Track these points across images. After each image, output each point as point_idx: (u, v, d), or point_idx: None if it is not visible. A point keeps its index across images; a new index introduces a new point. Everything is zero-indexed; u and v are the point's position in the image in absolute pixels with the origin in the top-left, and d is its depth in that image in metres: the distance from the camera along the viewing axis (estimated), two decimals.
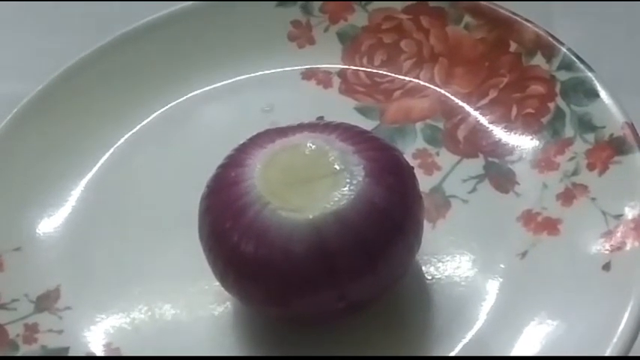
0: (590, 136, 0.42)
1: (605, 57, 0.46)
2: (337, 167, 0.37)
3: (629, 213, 0.39)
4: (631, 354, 0.36)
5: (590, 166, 0.41)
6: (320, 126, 0.39)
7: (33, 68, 0.51)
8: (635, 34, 0.53)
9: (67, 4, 0.58)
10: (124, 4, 0.56)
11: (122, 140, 0.47)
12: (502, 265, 0.40)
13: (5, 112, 0.46)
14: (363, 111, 0.47)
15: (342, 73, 0.48)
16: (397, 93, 0.47)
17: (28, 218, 0.44)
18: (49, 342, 0.40)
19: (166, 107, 0.48)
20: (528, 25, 0.45)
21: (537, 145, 0.43)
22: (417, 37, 0.48)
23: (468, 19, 0.47)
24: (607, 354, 0.35)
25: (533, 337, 0.38)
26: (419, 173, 0.41)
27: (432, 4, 0.48)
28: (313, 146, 0.37)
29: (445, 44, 0.47)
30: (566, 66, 0.44)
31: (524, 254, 0.40)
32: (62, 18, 0.58)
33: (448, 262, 0.41)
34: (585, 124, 0.42)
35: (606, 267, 0.38)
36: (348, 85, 0.48)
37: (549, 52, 0.44)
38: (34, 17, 0.59)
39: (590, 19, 0.53)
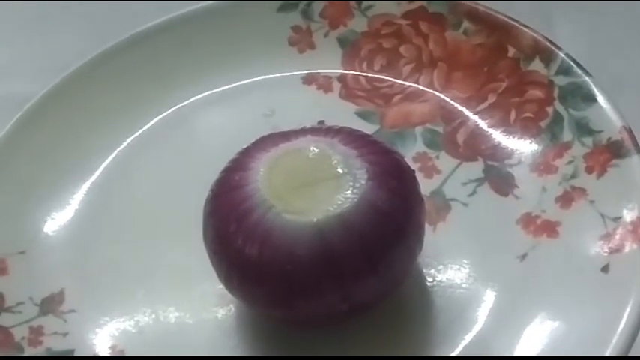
0: (588, 140, 0.42)
1: (603, 61, 0.47)
2: (340, 171, 0.37)
3: (627, 215, 0.39)
4: (630, 355, 0.36)
5: (589, 170, 0.42)
6: (323, 130, 0.39)
7: (33, 69, 0.51)
8: (634, 38, 0.53)
9: (67, 4, 0.58)
10: (124, 4, 0.56)
11: (125, 144, 0.47)
12: (502, 268, 0.41)
13: (6, 113, 0.46)
14: (363, 115, 0.47)
15: (342, 78, 0.49)
16: (397, 97, 0.47)
17: (32, 222, 0.45)
18: (55, 344, 0.41)
19: (168, 111, 0.49)
20: (526, 30, 0.46)
21: (536, 148, 0.44)
22: (416, 42, 0.48)
23: (466, 24, 0.47)
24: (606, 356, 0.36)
25: (533, 339, 0.38)
26: (419, 177, 0.41)
27: (431, 9, 0.48)
28: (316, 150, 0.38)
29: (444, 49, 0.48)
30: (564, 71, 0.44)
31: (523, 257, 0.41)
32: (62, 18, 0.58)
33: (449, 264, 0.41)
34: (583, 128, 0.43)
35: (605, 269, 0.38)
36: (349, 90, 0.48)
37: (547, 57, 0.45)
38: (34, 17, 0.59)
39: (589, 24, 0.53)
